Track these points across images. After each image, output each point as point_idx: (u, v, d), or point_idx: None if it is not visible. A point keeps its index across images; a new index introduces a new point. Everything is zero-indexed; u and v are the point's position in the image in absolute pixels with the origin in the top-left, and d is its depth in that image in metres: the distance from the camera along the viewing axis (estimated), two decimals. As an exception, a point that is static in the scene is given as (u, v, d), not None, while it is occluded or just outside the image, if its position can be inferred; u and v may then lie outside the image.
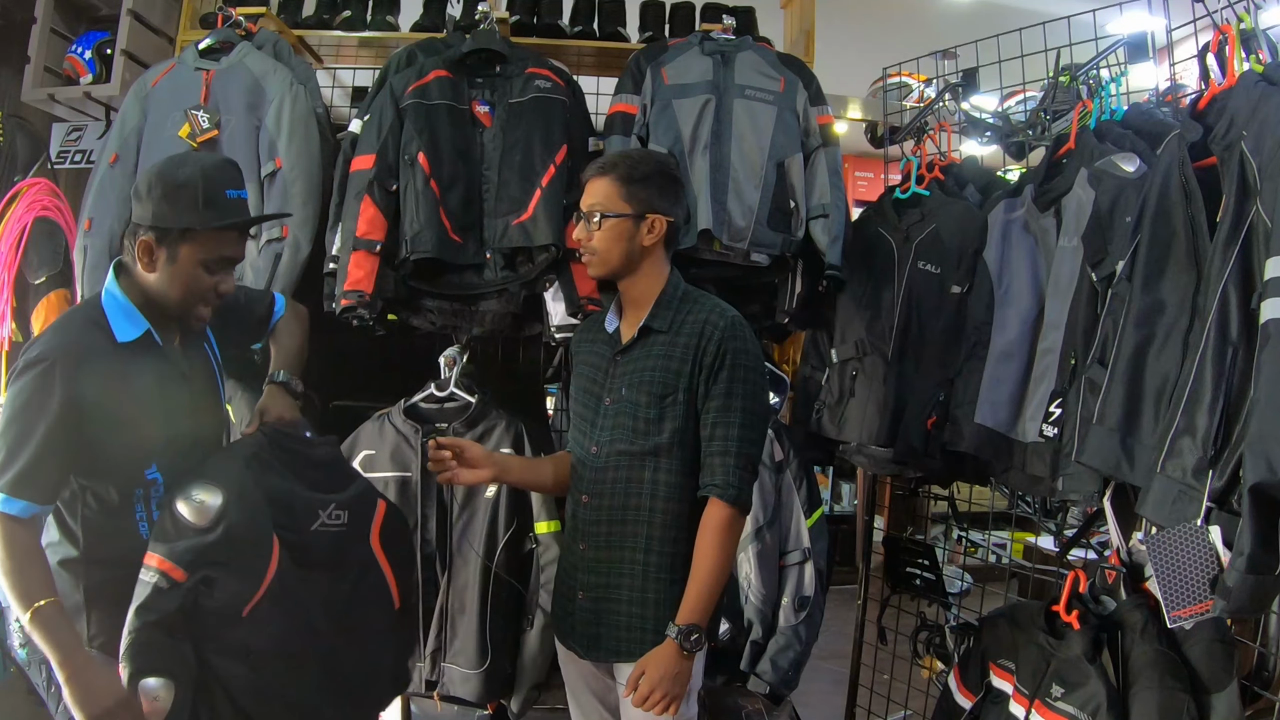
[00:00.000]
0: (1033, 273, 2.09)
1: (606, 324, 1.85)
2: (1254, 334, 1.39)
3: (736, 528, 1.71)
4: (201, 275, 1.55)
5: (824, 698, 3.15)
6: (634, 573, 1.73)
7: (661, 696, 1.61)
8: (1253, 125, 1.49)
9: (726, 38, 2.44)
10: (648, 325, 1.76)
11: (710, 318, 1.73)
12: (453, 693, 2.26)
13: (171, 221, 1.50)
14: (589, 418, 1.81)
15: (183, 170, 1.52)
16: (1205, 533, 1.40)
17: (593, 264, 1.78)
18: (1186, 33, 2.01)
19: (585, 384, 1.85)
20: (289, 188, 2.29)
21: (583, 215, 1.78)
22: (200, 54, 2.39)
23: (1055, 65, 2.31)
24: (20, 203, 2.54)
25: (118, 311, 1.55)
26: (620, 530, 1.74)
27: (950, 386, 2.17)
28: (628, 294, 1.82)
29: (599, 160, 1.82)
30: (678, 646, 1.62)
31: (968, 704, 1.92)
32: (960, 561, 4.37)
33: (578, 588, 1.79)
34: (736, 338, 1.72)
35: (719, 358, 1.70)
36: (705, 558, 1.67)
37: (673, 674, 1.62)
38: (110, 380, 1.49)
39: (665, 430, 1.71)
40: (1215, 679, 1.57)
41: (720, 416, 1.69)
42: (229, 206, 1.53)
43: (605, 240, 1.75)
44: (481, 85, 2.35)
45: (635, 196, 1.74)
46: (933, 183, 2.40)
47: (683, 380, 1.71)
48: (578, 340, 1.95)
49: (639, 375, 1.75)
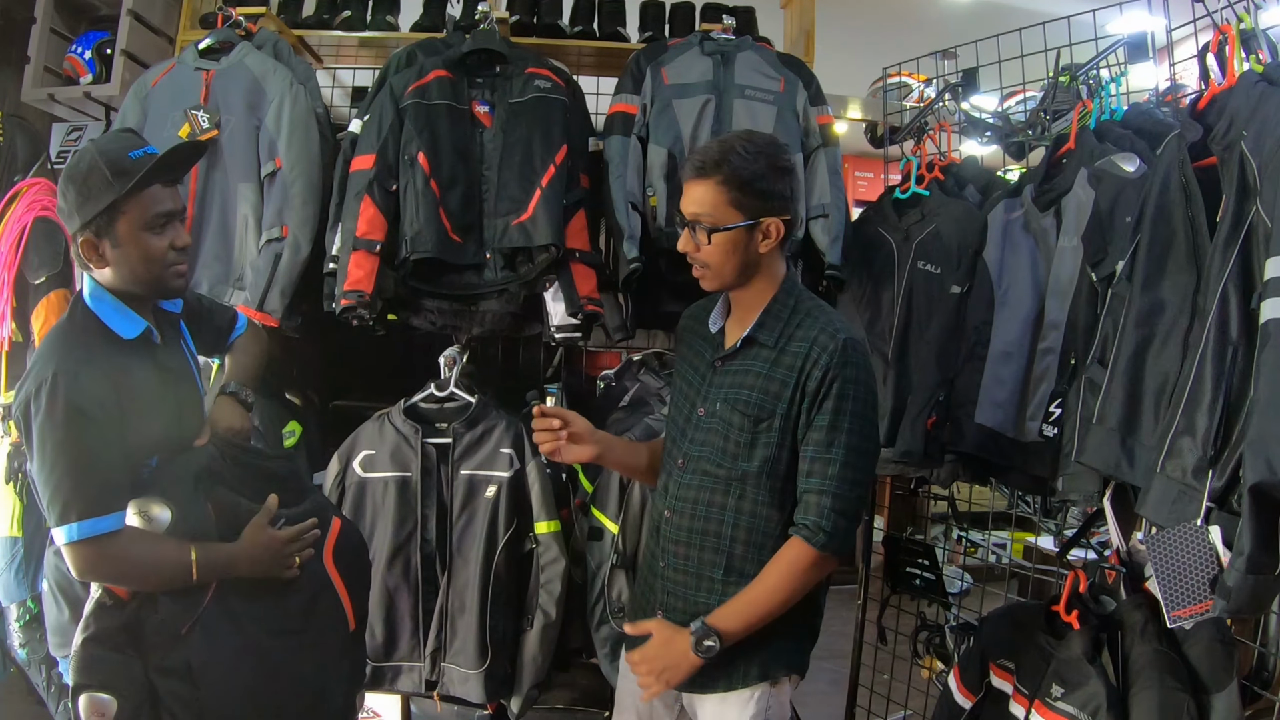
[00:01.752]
0: (1033, 273, 2.09)
1: (711, 322, 1.68)
2: (1254, 334, 1.39)
3: (816, 573, 1.56)
4: (150, 239, 1.52)
5: (824, 698, 3.15)
6: (710, 604, 1.59)
7: (646, 672, 1.54)
8: (1253, 125, 1.49)
9: (726, 38, 2.44)
10: (752, 336, 1.60)
11: (820, 337, 1.55)
12: (453, 693, 2.26)
13: (96, 207, 1.48)
14: (680, 424, 1.68)
15: (81, 162, 1.50)
16: (1205, 533, 1.40)
17: (706, 278, 1.60)
18: (1186, 33, 2.01)
19: (683, 385, 1.70)
20: (289, 188, 2.29)
21: (685, 222, 1.58)
22: (200, 54, 2.39)
23: (1055, 65, 2.31)
24: (20, 203, 2.54)
25: (112, 312, 1.53)
26: (698, 556, 1.62)
27: (950, 386, 2.17)
28: (738, 298, 1.64)
29: (699, 157, 1.57)
30: (691, 642, 1.52)
31: (968, 704, 1.91)
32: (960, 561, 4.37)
33: (656, 606, 1.68)
34: (849, 364, 1.53)
35: (825, 384, 1.52)
36: (768, 580, 1.54)
37: (669, 664, 1.53)
38: (122, 380, 1.48)
39: (756, 457, 1.56)
40: (1215, 679, 1.57)
41: (821, 452, 1.53)
42: (137, 165, 1.49)
43: (718, 254, 1.55)
44: (481, 85, 2.35)
45: (747, 202, 1.53)
46: (933, 183, 2.40)
47: (781, 405, 1.55)
48: (683, 326, 1.78)
49: (736, 392, 1.59)
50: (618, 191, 2.27)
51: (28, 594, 2.45)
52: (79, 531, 1.40)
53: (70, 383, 1.41)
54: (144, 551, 1.46)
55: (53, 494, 1.41)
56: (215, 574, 1.49)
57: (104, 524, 1.42)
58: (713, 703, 1.64)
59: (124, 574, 1.47)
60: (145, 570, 1.47)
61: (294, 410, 2.52)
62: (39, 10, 2.80)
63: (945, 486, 2.59)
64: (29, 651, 2.44)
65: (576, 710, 2.80)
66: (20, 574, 2.44)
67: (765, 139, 1.61)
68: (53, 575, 1.59)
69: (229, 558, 1.51)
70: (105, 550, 1.43)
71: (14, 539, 2.44)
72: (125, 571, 1.47)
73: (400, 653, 2.26)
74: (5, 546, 2.44)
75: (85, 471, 1.42)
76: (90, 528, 1.41)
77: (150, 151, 1.52)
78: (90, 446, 1.42)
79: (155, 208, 1.52)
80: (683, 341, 1.77)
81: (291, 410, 2.51)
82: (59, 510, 1.41)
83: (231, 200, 2.32)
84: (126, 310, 1.54)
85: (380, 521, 2.21)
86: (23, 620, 2.46)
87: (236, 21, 2.47)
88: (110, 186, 1.47)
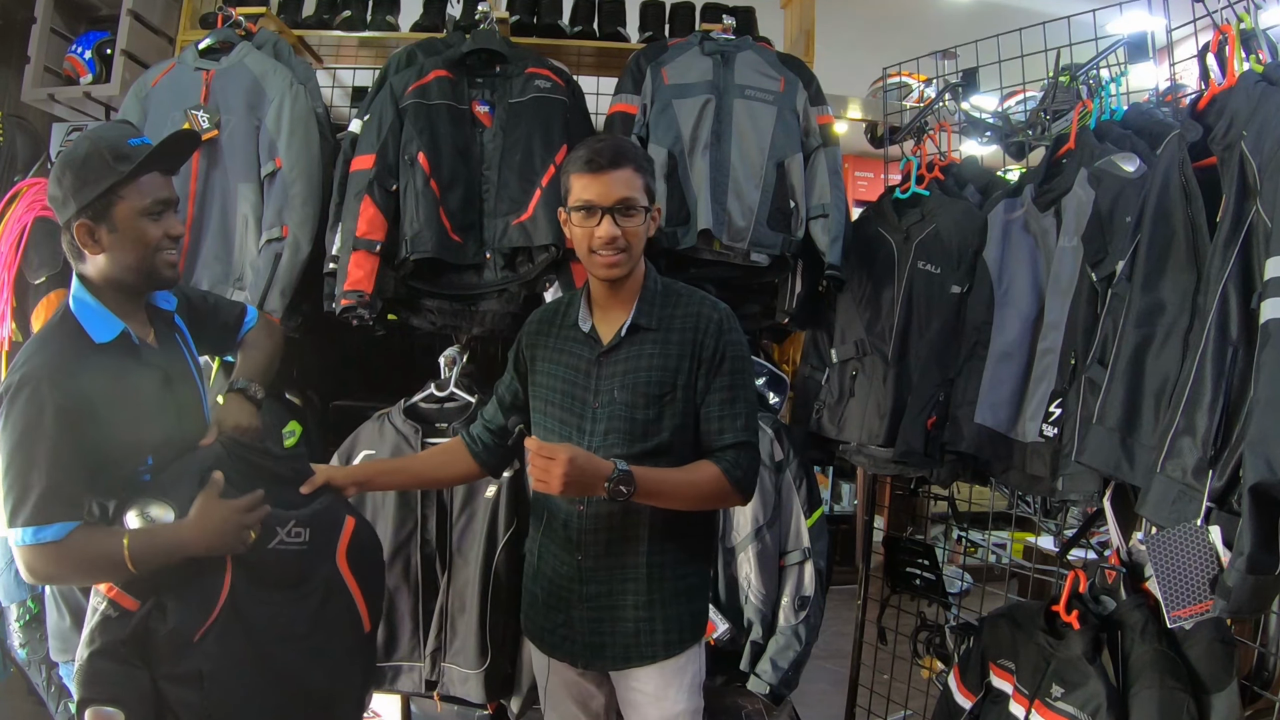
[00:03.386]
0: (1033, 273, 2.09)
1: (580, 323, 1.74)
2: (1254, 334, 1.39)
3: (720, 498, 1.68)
4: (146, 225, 1.53)
5: (824, 698, 3.15)
6: (638, 576, 1.70)
7: (561, 472, 1.49)
8: (1253, 125, 1.49)
9: (726, 38, 2.44)
10: (635, 323, 1.70)
11: (704, 311, 1.70)
12: (453, 693, 2.26)
13: (95, 190, 1.48)
14: (572, 423, 1.71)
15: (78, 149, 1.51)
16: (1205, 533, 1.40)
17: (621, 264, 1.65)
18: (1186, 33, 2.01)
19: (564, 386, 1.73)
20: (289, 188, 2.29)
21: (607, 211, 1.62)
22: (200, 54, 2.39)
23: (1055, 65, 2.31)
24: (20, 203, 2.54)
25: (90, 315, 1.53)
26: (621, 535, 1.69)
27: (950, 386, 2.17)
28: (611, 290, 1.71)
29: (608, 149, 1.65)
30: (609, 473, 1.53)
31: (968, 704, 1.92)
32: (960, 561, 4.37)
33: (576, 599, 1.73)
34: (733, 329, 1.70)
35: (719, 352, 1.67)
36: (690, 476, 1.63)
37: (583, 477, 1.51)
38: (96, 385, 1.47)
39: (665, 429, 1.67)
40: (1215, 679, 1.57)
41: (727, 409, 1.67)
42: (136, 152, 1.51)
43: (637, 237, 1.66)
44: (481, 85, 2.35)
45: (648, 187, 1.67)
46: (933, 183, 2.40)
47: (680, 377, 1.67)
48: (534, 336, 1.81)
49: (631, 376, 1.68)
50: (618, 191, 2.27)
51: (28, 594, 2.45)
52: (30, 536, 1.41)
53: (33, 389, 1.42)
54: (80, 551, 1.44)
55: (7, 493, 1.43)
56: (159, 558, 1.46)
57: (46, 533, 1.41)
58: (652, 673, 1.71)
59: (67, 578, 1.49)
60: (84, 570, 1.47)
61: (294, 410, 2.52)
62: (39, 10, 2.80)
63: (945, 486, 2.59)
64: (29, 651, 2.44)
65: (576, 710, 2.79)
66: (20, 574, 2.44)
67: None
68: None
69: (174, 539, 1.48)
70: (49, 556, 1.42)
71: (14, 539, 2.43)
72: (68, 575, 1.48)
73: (400, 653, 2.26)
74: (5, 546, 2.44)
75: (39, 477, 1.41)
76: (40, 534, 1.41)
77: (145, 142, 1.54)
78: (48, 453, 1.41)
79: (154, 194, 1.53)
80: (542, 351, 1.78)
81: (291, 410, 2.51)
82: (9, 510, 1.42)
83: (231, 200, 2.31)
84: (105, 313, 1.54)
85: (380, 521, 2.21)
86: (23, 620, 2.46)
87: (236, 21, 2.47)
88: (111, 170, 1.48)
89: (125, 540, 1.44)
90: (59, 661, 1.62)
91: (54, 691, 2.43)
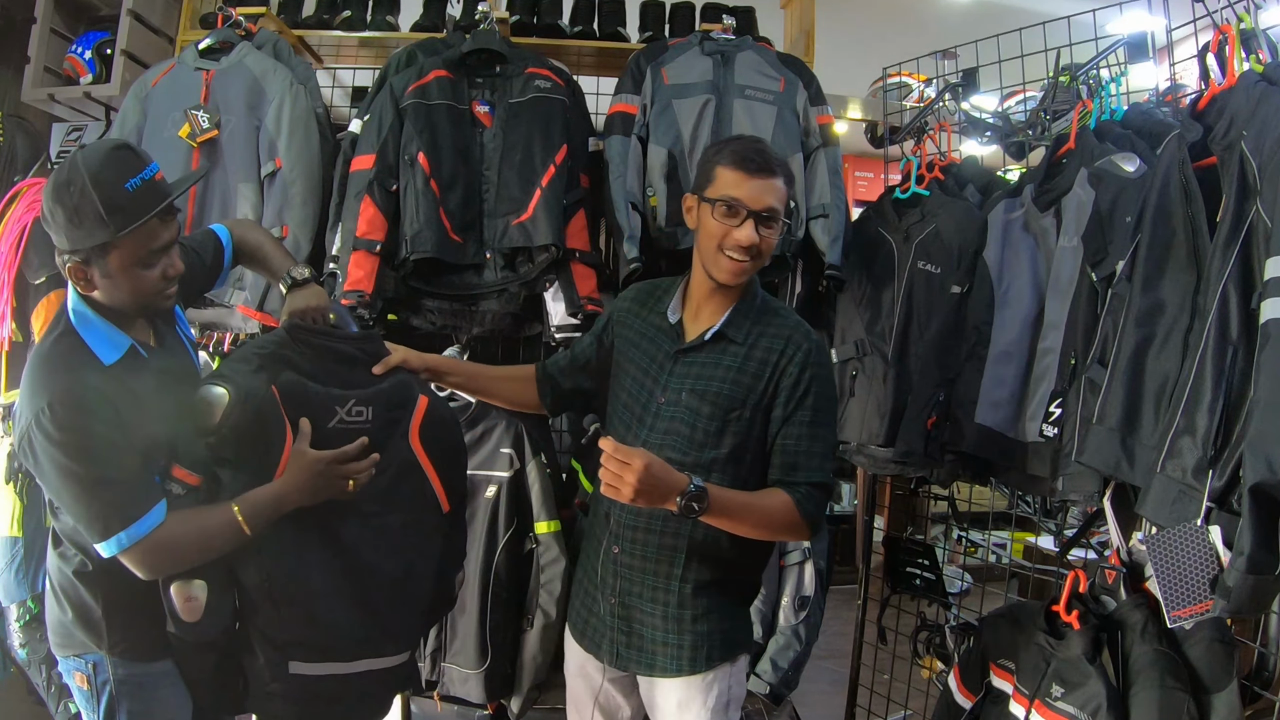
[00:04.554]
0: (1033, 273, 2.09)
1: (670, 312, 1.71)
2: (1254, 334, 1.39)
3: (788, 530, 1.61)
4: (141, 274, 1.45)
5: (824, 698, 3.15)
6: (670, 589, 1.65)
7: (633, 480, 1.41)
8: (1253, 125, 1.49)
9: (726, 38, 2.44)
10: (722, 332, 1.65)
11: (794, 336, 1.64)
12: (453, 693, 2.26)
13: (86, 242, 1.39)
14: (636, 411, 1.69)
15: (71, 188, 1.38)
16: (1205, 533, 1.40)
17: (747, 272, 1.63)
18: (1186, 33, 2.01)
19: (637, 373, 1.71)
20: (289, 188, 2.29)
21: (752, 215, 1.58)
22: (200, 54, 2.39)
23: (1055, 65, 2.31)
24: (20, 203, 2.54)
25: (95, 334, 1.47)
26: (658, 542, 1.64)
27: (950, 386, 2.17)
28: (709, 293, 1.67)
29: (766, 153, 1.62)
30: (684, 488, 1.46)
31: (968, 704, 1.92)
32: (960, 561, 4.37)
33: (607, 592, 1.70)
34: (822, 363, 1.64)
35: (803, 382, 1.61)
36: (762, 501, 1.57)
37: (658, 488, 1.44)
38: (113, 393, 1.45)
39: (725, 444, 1.61)
40: (1215, 679, 1.57)
41: (804, 445, 1.61)
42: (134, 201, 1.39)
43: (770, 248, 1.63)
44: (481, 85, 2.35)
45: (791, 199, 1.66)
46: (933, 183, 2.40)
47: (753, 397, 1.61)
48: (625, 312, 1.79)
49: (705, 384, 1.63)
50: (618, 191, 2.27)
51: (28, 594, 2.45)
52: (128, 539, 1.41)
53: (66, 407, 1.38)
54: (192, 530, 1.47)
55: (87, 516, 1.41)
56: (268, 516, 1.51)
57: (147, 524, 1.42)
58: (676, 687, 1.67)
59: (184, 558, 1.48)
60: (201, 546, 1.48)
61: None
62: (39, 10, 2.80)
63: (945, 486, 2.60)
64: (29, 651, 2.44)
65: (576, 710, 2.79)
66: (20, 574, 2.44)
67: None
68: (55, 576, 1.58)
69: (276, 497, 1.52)
70: (157, 545, 1.43)
71: (14, 539, 2.44)
72: (184, 554, 1.48)
73: (400, 653, 2.26)
74: (5, 546, 2.44)
75: (108, 486, 1.41)
76: (136, 532, 1.41)
77: (146, 177, 1.41)
78: (105, 461, 1.40)
79: (150, 245, 1.44)
80: (625, 325, 1.77)
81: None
82: (100, 529, 1.41)
83: (231, 200, 2.32)
84: (111, 329, 1.49)
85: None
86: (23, 620, 2.46)
87: (236, 21, 2.47)
88: (104, 226, 1.38)
89: (236, 508, 1.48)
90: (60, 657, 1.61)
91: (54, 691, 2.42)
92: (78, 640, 1.57)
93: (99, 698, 1.56)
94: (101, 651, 1.55)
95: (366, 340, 1.71)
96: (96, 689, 1.56)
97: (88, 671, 1.57)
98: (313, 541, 1.59)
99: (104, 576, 1.55)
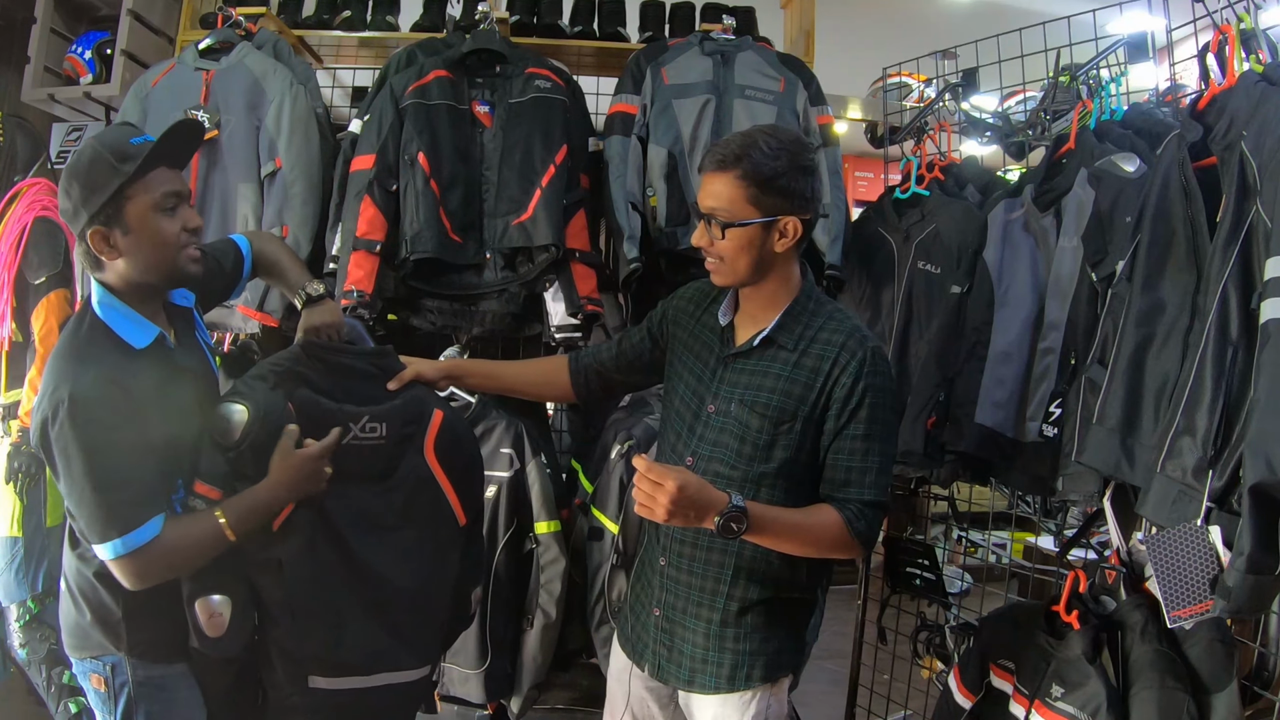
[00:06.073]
0: (1033, 273, 2.09)
1: (720, 314, 1.62)
2: (1254, 334, 1.39)
3: (837, 548, 1.52)
4: (162, 221, 1.47)
5: (824, 698, 3.15)
6: (714, 605, 1.59)
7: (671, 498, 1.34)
8: (1253, 125, 1.49)
9: (726, 38, 2.45)
10: (771, 336, 1.55)
11: (848, 343, 1.52)
12: (453, 693, 2.26)
13: (103, 195, 1.43)
14: (687, 419, 1.62)
15: (82, 157, 1.46)
16: (1205, 533, 1.40)
17: (719, 272, 1.55)
18: (1186, 33, 2.01)
19: (689, 378, 1.64)
20: (289, 188, 2.29)
21: (701, 215, 1.53)
22: (200, 54, 2.39)
23: (1055, 65, 2.31)
24: (20, 203, 2.55)
25: (123, 321, 1.48)
26: (705, 557, 1.59)
27: (950, 386, 2.16)
28: (751, 295, 1.59)
29: (721, 150, 1.51)
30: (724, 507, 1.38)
31: (968, 704, 1.91)
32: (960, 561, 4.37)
33: (653, 603, 1.66)
34: (879, 373, 1.52)
35: (856, 393, 1.50)
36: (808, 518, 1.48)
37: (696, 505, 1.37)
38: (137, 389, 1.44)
39: (775, 459, 1.53)
40: (1215, 679, 1.57)
41: (859, 460, 1.51)
42: (141, 149, 1.45)
43: (731, 249, 1.50)
44: (481, 85, 2.35)
45: (765, 199, 1.48)
46: (933, 183, 2.41)
47: (804, 408, 1.52)
48: (678, 308, 1.72)
49: (754, 393, 1.55)
50: (618, 191, 2.27)
51: (28, 594, 2.45)
52: (123, 547, 1.40)
53: (86, 403, 1.38)
54: (182, 541, 1.45)
55: (89, 515, 1.40)
56: (255, 520, 1.50)
57: (142, 535, 1.41)
58: (713, 704, 1.63)
59: (173, 569, 1.47)
60: (191, 556, 1.47)
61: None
62: (39, 10, 2.81)
63: (945, 486, 2.59)
64: (29, 651, 2.44)
65: (576, 710, 2.80)
66: (20, 574, 2.45)
67: (790, 136, 1.55)
68: (74, 578, 1.57)
69: (264, 498, 1.51)
70: (149, 556, 1.42)
71: (14, 539, 2.44)
72: (174, 566, 1.47)
73: (400, 653, 2.26)
74: (5, 546, 2.44)
75: (115, 489, 1.40)
76: (131, 541, 1.40)
77: (149, 139, 1.48)
78: (116, 464, 1.40)
79: (164, 188, 1.48)
80: (680, 325, 1.70)
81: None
82: (98, 530, 1.40)
83: (231, 200, 2.32)
84: (138, 317, 1.50)
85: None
86: (23, 620, 2.46)
87: (236, 21, 2.47)
88: (116, 171, 1.43)
89: (220, 515, 1.47)
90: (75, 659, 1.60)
91: (54, 692, 2.43)
92: (95, 642, 1.55)
93: (116, 700, 1.55)
94: (120, 653, 1.54)
95: (381, 356, 1.71)
96: (114, 691, 1.55)
97: (105, 674, 1.55)
98: (330, 556, 1.59)
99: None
